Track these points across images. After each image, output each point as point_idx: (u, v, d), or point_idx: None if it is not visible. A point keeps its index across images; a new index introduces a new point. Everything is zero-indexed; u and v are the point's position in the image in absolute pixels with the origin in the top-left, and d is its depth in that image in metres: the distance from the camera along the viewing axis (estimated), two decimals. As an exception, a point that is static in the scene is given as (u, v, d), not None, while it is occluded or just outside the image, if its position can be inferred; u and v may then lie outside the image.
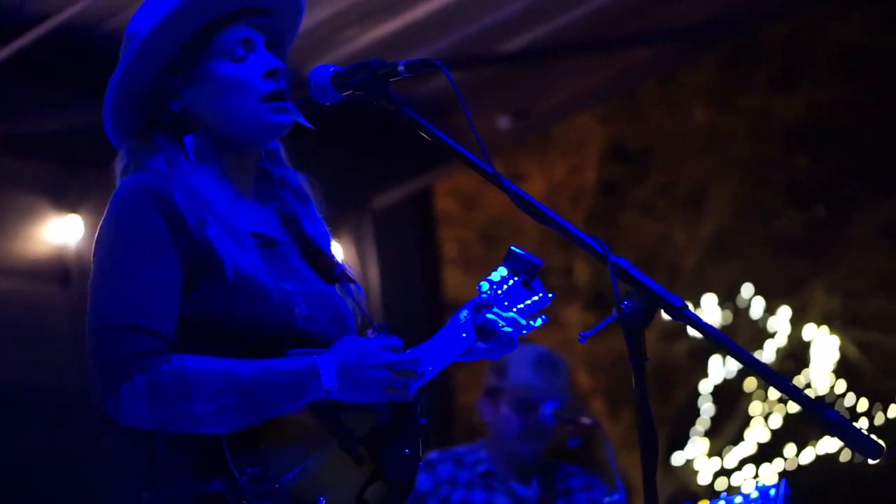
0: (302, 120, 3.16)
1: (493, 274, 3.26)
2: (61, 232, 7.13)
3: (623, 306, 2.61)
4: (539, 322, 3.30)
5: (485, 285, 3.24)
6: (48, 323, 7.02)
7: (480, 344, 3.24)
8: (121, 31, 3.14)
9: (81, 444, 6.74)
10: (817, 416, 2.50)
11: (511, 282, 3.25)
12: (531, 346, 5.50)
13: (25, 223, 7.14)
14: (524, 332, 3.27)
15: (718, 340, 2.62)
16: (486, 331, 3.20)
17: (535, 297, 3.27)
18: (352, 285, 3.25)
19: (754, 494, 4.02)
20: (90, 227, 6.99)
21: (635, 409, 2.57)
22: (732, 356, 2.60)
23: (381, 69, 2.98)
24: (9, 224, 7.09)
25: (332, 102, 3.05)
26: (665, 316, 2.66)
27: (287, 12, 3.24)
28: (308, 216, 3.26)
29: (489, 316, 3.20)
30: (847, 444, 2.49)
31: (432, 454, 5.50)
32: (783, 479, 3.94)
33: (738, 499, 4.04)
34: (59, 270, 7.13)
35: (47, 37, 6.62)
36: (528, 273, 3.27)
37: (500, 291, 3.23)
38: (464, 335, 3.19)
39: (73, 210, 7.13)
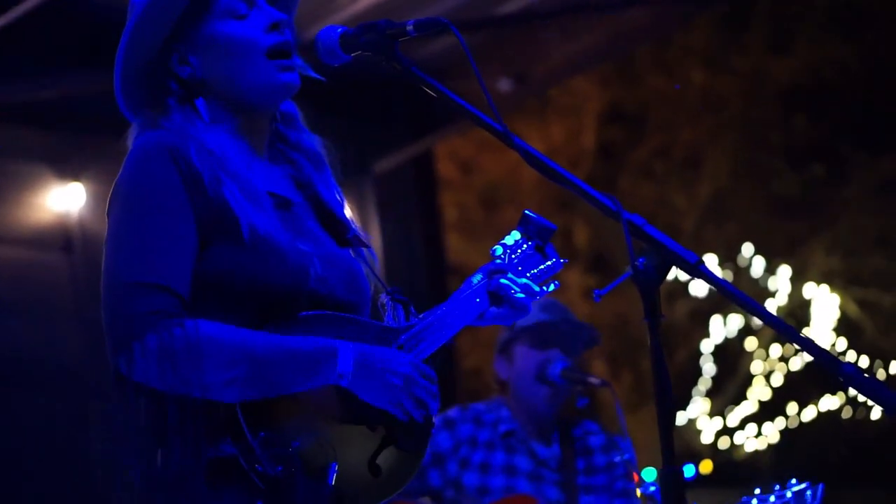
0: (311, 73, 3.15)
1: (507, 238, 3.27)
2: (64, 200, 7.12)
3: (637, 264, 2.59)
4: (552, 287, 3.31)
5: (499, 249, 3.24)
6: (52, 291, 7.01)
7: (493, 309, 3.23)
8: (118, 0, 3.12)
9: (82, 416, 6.75)
10: (836, 371, 2.50)
11: (525, 246, 3.26)
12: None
13: (28, 191, 7.13)
14: (537, 297, 3.26)
15: (734, 296, 2.61)
16: (500, 296, 3.20)
17: (549, 262, 3.29)
18: (364, 250, 3.24)
19: (788, 495, 4.01)
20: (92, 195, 6.98)
21: (652, 367, 2.57)
22: (748, 311, 2.59)
23: (390, 29, 2.96)
24: (11, 192, 7.08)
25: (341, 63, 3.02)
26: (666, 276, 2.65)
27: None
28: (323, 181, 3.24)
29: (503, 281, 3.20)
30: (868, 398, 2.48)
31: (452, 412, 5.46)
32: (820, 485, 3.93)
33: (772, 498, 4.02)
34: (62, 238, 7.12)
35: (46, 4, 6.60)
36: (541, 238, 3.28)
37: (513, 256, 3.24)
38: (477, 300, 3.18)
39: (76, 178, 7.11)
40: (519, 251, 3.25)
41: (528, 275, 3.24)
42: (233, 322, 2.84)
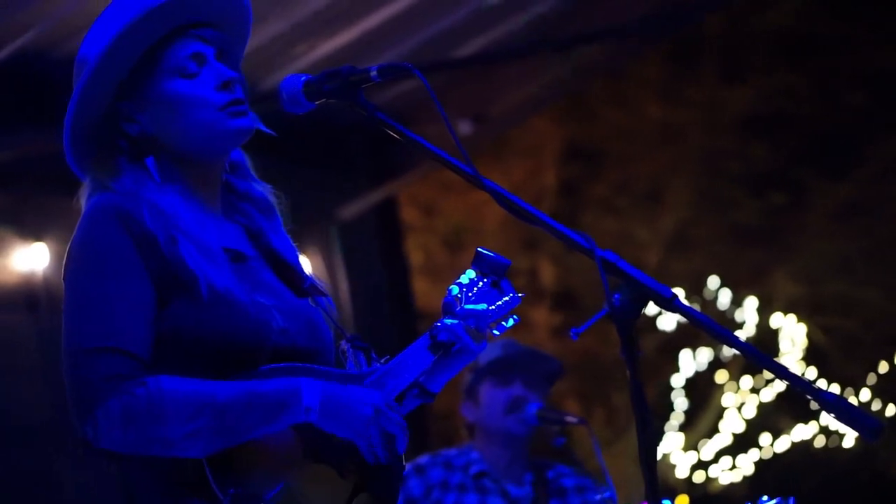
0: (262, 126, 3.12)
1: (462, 277, 3.23)
2: (27, 260, 7.11)
3: (613, 300, 2.58)
4: (511, 322, 3.28)
5: (454, 289, 3.20)
6: (18, 350, 6.98)
7: (448, 359, 3.14)
8: (73, 57, 3.10)
9: (50, 473, 6.70)
10: (817, 399, 2.50)
11: (481, 283, 3.23)
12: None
13: (-10, 254, 7.11)
14: (497, 332, 3.24)
15: (712, 329, 2.61)
16: (441, 342, 3.12)
17: (506, 298, 3.25)
18: (323, 298, 3.22)
19: None
20: (55, 254, 6.97)
21: (631, 402, 2.55)
22: (727, 344, 2.59)
23: (353, 76, 2.95)
24: (-27, 256, 7.06)
25: (304, 112, 3.01)
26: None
27: (234, 22, 3.20)
28: (273, 230, 3.22)
29: (446, 321, 3.13)
30: (847, 425, 2.48)
31: (422, 458, 5.47)
32: (791, 498, 3.93)
33: None
34: (26, 298, 7.10)
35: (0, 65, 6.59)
36: (496, 274, 3.25)
37: (470, 294, 3.20)
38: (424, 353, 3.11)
39: (38, 238, 7.10)
40: (475, 288, 3.21)
41: (484, 307, 3.19)
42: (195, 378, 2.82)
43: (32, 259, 7.11)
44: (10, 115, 7.04)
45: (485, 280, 3.24)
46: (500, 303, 3.24)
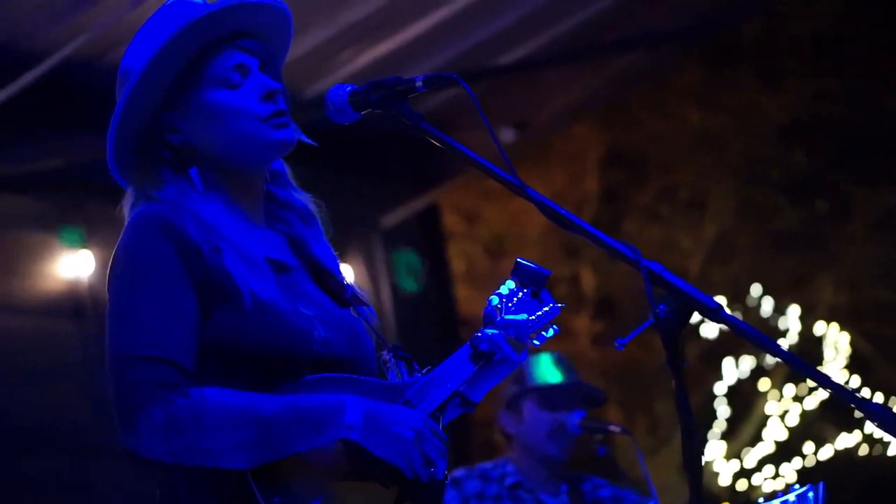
0: (303, 137, 3.14)
1: (502, 287, 3.24)
2: (73, 267, 7.16)
3: (658, 311, 2.58)
4: (551, 332, 3.28)
5: (494, 299, 3.21)
6: (63, 358, 7.03)
7: (489, 369, 3.15)
8: (118, 65, 3.12)
9: (98, 480, 6.74)
10: (861, 408, 2.49)
11: (521, 294, 3.23)
12: (542, 353, 5.52)
13: (37, 261, 7.16)
14: (537, 342, 3.25)
15: (755, 339, 2.60)
16: (482, 352, 3.13)
17: (546, 308, 3.26)
18: (364, 308, 3.23)
19: (791, 498, 4.00)
20: (101, 262, 7.01)
21: (678, 412, 2.55)
22: (771, 354, 2.58)
23: (398, 86, 2.96)
24: (21, 262, 7.12)
25: (350, 122, 3.03)
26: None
27: (276, 33, 3.21)
28: (315, 238, 3.24)
29: (488, 332, 3.14)
30: (891, 434, 2.47)
31: (458, 471, 5.48)
32: (821, 483, 3.92)
33: (776, 502, 4.01)
34: (72, 306, 7.15)
35: (47, 74, 6.65)
36: (535, 284, 3.25)
37: (510, 304, 3.21)
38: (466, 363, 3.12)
39: (84, 245, 7.15)
40: (515, 299, 3.22)
41: (524, 318, 3.20)
42: (238, 389, 2.83)
43: (78, 266, 7.16)
44: (57, 122, 7.12)
45: (524, 290, 3.24)
46: (539, 313, 3.24)
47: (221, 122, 3.05)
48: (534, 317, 3.22)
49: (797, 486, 4.01)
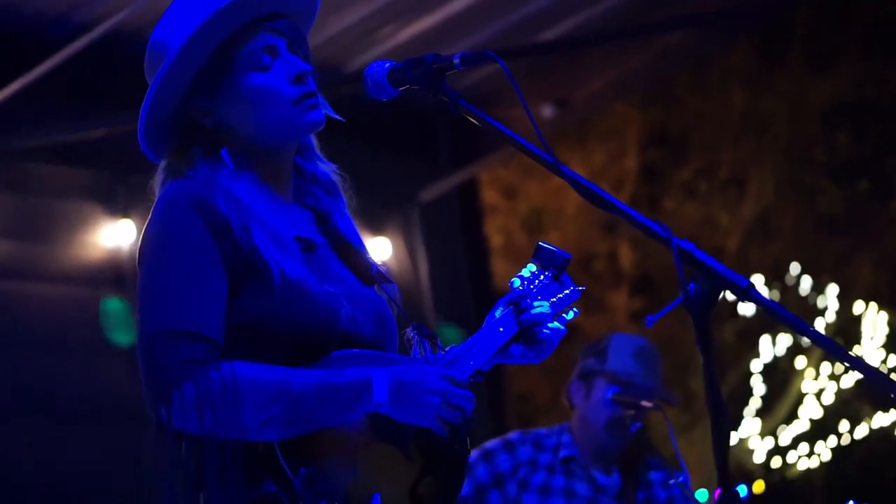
0: (332, 113, 3.17)
1: (524, 270, 3.31)
2: (114, 236, 7.21)
3: (689, 289, 2.59)
4: (571, 315, 3.34)
5: (516, 282, 3.27)
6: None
7: (518, 347, 3.25)
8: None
9: (134, 450, 6.78)
10: (888, 390, 2.51)
11: (542, 277, 3.29)
12: (632, 336, 5.51)
13: (79, 230, 7.21)
14: (562, 331, 3.29)
15: (785, 318, 2.63)
16: (527, 332, 3.23)
17: (567, 291, 3.32)
18: (388, 286, 3.27)
19: None
20: (141, 231, 7.07)
21: (706, 391, 2.58)
22: (800, 333, 2.60)
23: (436, 63, 2.99)
24: (63, 231, 7.18)
25: (388, 98, 3.06)
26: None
27: (303, 11, 3.24)
28: (339, 211, 3.28)
29: (533, 312, 3.22)
30: None
31: (513, 435, 5.50)
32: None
33: None
34: (114, 274, 7.20)
35: (92, 45, 6.69)
36: (557, 268, 3.31)
37: (532, 287, 3.27)
38: (501, 329, 3.21)
39: (125, 215, 7.21)
40: (537, 282, 3.28)
41: (548, 303, 3.27)
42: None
43: (119, 235, 7.22)
44: (101, 94, 7.16)
45: (546, 273, 3.30)
46: (560, 296, 3.30)
47: (253, 105, 3.08)
48: (556, 300, 3.29)
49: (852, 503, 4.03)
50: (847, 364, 2.58)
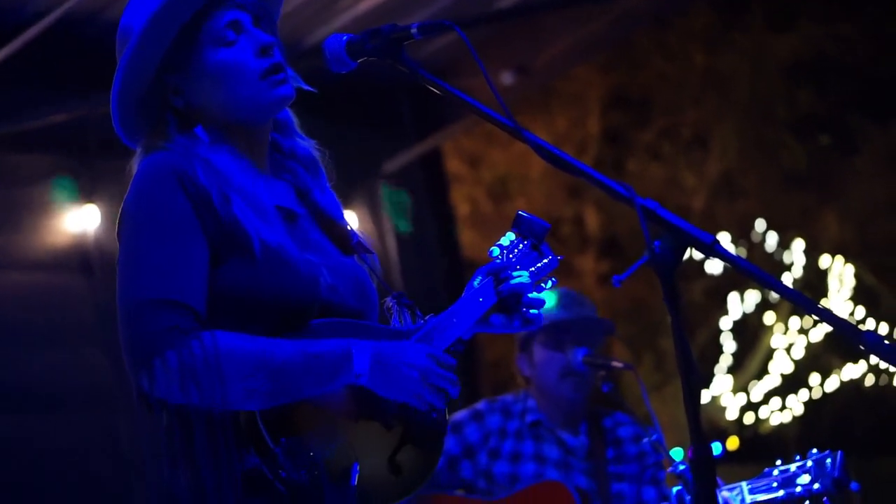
0: (302, 84, 3.16)
1: (503, 239, 3.30)
2: (79, 221, 7.17)
3: (654, 248, 2.58)
4: (549, 284, 3.34)
5: (496, 251, 3.27)
6: (73, 312, 7.04)
7: (500, 317, 3.26)
8: (119, 20, 3.12)
9: (110, 434, 6.77)
10: (857, 340, 2.51)
11: (521, 245, 3.29)
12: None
13: (43, 216, 7.17)
14: (540, 297, 3.29)
15: (751, 273, 2.63)
16: (509, 306, 3.23)
17: (545, 260, 3.31)
18: (368, 255, 3.27)
19: (809, 463, 4.07)
20: (107, 216, 7.03)
21: (675, 348, 2.58)
22: (766, 287, 2.60)
23: (394, 34, 2.97)
24: (27, 218, 7.12)
25: (348, 70, 3.04)
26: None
27: None
28: (319, 186, 3.27)
29: (512, 283, 3.23)
30: (890, 364, 2.49)
31: (481, 405, 5.49)
32: (839, 452, 3.99)
33: (793, 466, 4.08)
34: (80, 260, 7.16)
35: (48, 32, 6.64)
36: (536, 237, 3.31)
37: (511, 256, 3.27)
38: (480, 299, 3.21)
39: (89, 199, 7.16)
40: (516, 251, 3.28)
41: (527, 272, 3.27)
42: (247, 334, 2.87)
43: (84, 220, 7.18)
44: (60, 78, 7.10)
45: (525, 242, 3.30)
46: (539, 265, 3.31)
47: (220, 82, 3.07)
48: (535, 269, 3.29)
49: (815, 451, 4.08)
50: (816, 316, 2.57)
